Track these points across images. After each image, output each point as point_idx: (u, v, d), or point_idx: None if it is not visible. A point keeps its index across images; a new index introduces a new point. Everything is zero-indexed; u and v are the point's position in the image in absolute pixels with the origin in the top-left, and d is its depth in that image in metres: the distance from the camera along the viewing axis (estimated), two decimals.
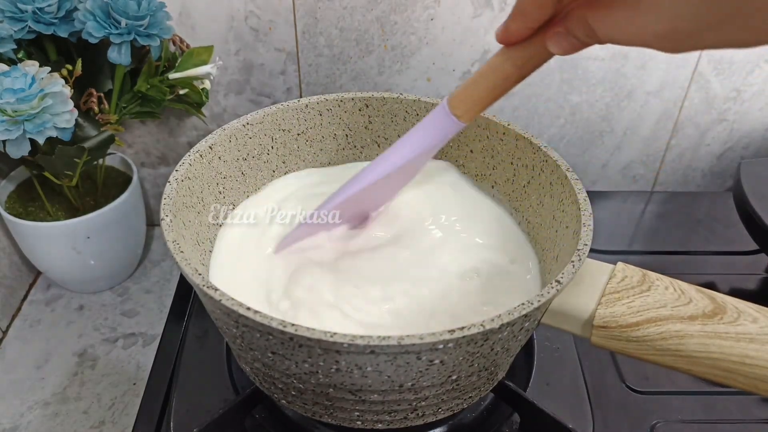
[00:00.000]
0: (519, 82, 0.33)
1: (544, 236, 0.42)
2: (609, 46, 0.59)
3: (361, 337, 0.28)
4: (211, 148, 0.41)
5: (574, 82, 0.62)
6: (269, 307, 0.38)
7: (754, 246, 0.54)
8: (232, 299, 0.30)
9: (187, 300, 0.52)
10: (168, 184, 0.37)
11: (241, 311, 0.29)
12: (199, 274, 0.31)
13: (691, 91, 0.64)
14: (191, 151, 0.40)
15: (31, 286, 0.64)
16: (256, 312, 0.29)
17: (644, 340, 0.34)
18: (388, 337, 0.28)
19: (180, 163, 0.39)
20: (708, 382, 0.35)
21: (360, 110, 0.48)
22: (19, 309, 0.62)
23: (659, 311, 0.34)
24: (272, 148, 0.46)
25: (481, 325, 0.29)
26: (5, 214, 0.55)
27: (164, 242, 0.34)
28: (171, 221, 0.35)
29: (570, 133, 0.66)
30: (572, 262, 0.33)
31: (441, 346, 0.29)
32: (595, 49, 0.60)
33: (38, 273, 0.65)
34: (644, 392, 0.46)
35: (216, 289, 0.31)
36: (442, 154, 0.49)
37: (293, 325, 0.29)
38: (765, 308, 0.34)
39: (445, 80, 0.61)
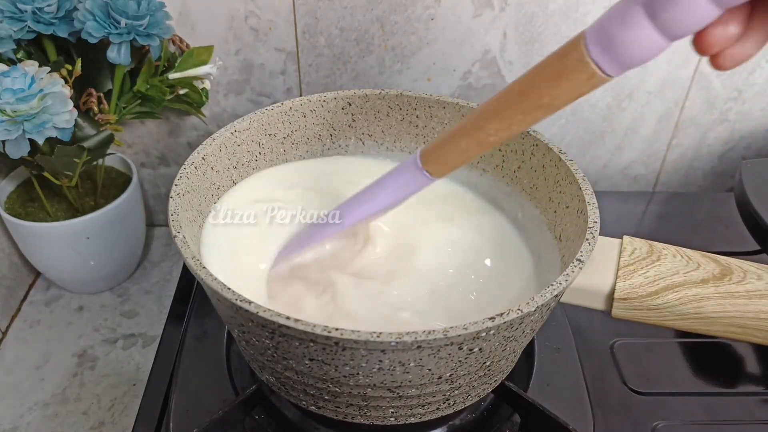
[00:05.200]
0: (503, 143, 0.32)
1: (541, 218, 0.43)
2: None
3: (407, 333, 0.28)
4: (204, 159, 0.41)
5: None
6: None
7: (755, 246, 0.54)
8: (270, 310, 0.30)
9: (187, 301, 0.52)
10: (170, 199, 0.37)
11: (281, 321, 0.29)
12: (229, 289, 0.31)
13: (692, 91, 0.63)
14: (186, 163, 0.40)
15: (30, 286, 0.64)
16: (297, 320, 0.29)
17: (664, 307, 0.36)
18: (434, 330, 0.28)
19: (178, 176, 0.38)
20: (724, 339, 0.37)
21: (343, 109, 0.48)
22: (18, 310, 0.62)
23: (674, 278, 0.36)
24: (260, 154, 0.46)
25: (519, 309, 0.30)
26: (5, 215, 0.55)
27: (164, 244, 0.34)
28: (184, 237, 0.34)
29: (571, 133, 0.66)
30: (587, 240, 0.34)
31: (483, 334, 0.29)
32: None
33: (38, 273, 0.65)
34: (645, 393, 0.45)
35: (251, 302, 0.30)
36: None
37: (337, 329, 0.29)
38: (764, 266, 0.37)
39: (446, 80, 0.61)
